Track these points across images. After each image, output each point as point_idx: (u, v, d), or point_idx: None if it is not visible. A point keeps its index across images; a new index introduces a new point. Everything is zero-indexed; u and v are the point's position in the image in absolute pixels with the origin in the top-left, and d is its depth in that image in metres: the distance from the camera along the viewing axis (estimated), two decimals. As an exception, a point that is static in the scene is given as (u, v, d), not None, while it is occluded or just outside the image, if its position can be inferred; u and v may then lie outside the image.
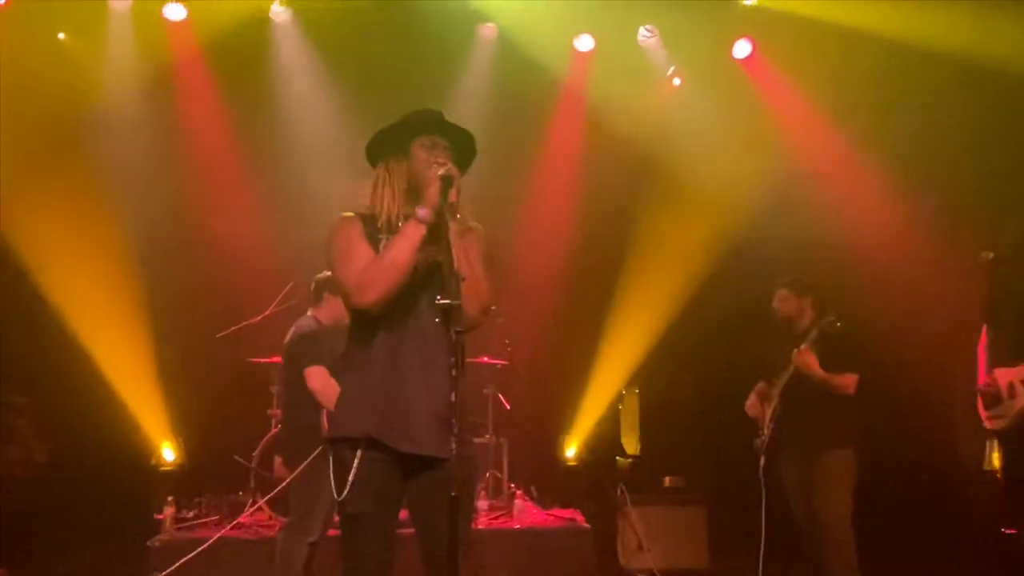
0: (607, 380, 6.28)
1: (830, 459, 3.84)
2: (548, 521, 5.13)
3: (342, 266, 2.31)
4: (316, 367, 3.74)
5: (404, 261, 2.22)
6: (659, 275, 6.21)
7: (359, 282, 2.24)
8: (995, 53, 4.99)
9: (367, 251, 2.30)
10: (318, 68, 6.10)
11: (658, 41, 6.24)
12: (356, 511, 2.25)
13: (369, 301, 2.23)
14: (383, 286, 2.22)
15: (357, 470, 2.23)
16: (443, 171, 2.22)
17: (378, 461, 2.24)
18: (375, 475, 2.24)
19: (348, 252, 2.31)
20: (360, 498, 2.23)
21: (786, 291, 4.11)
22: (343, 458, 2.26)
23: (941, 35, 5.21)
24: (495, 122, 5.92)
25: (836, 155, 5.87)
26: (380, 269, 2.23)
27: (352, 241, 2.33)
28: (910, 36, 5.31)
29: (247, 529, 4.71)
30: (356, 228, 2.36)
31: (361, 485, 2.23)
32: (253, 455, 4.91)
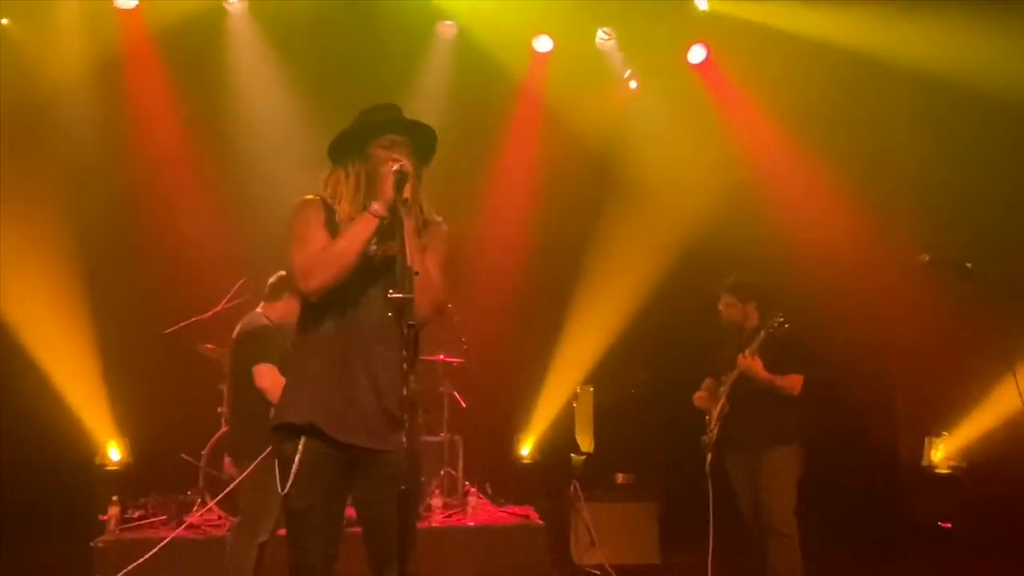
0: (563, 378, 6.34)
1: (775, 455, 3.93)
2: (502, 518, 5.15)
3: (294, 249, 2.29)
4: (265, 364, 3.66)
5: (352, 253, 2.22)
6: (616, 274, 6.29)
7: (306, 267, 2.24)
8: (940, 63, 5.19)
9: (322, 237, 2.29)
10: (274, 61, 6.03)
11: (615, 44, 6.34)
12: (301, 506, 2.23)
13: (311, 287, 2.23)
14: (327, 275, 2.21)
15: (300, 463, 2.21)
16: (397, 167, 2.23)
17: (322, 454, 2.22)
18: (319, 468, 2.23)
19: (302, 235, 2.30)
20: (305, 492, 2.22)
21: (731, 297, 4.18)
22: (285, 451, 2.24)
23: (888, 45, 5.40)
24: (454, 120, 5.89)
25: (786, 160, 6.04)
26: (327, 257, 2.23)
27: (310, 225, 2.31)
28: (858, 45, 5.49)
29: (196, 529, 4.62)
30: (317, 213, 2.34)
31: (305, 479, 2.21)
32: (202, 454, 4.81)
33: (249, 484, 3.76)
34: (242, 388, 3.79)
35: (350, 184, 2.36)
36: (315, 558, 2.25)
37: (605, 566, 4.97)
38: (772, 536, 3.88)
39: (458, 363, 5.62)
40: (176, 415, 5.33)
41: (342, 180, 2.38)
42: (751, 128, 6.15)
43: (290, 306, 3.80)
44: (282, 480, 2.24)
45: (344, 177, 2.38)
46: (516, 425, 6.44)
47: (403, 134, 2.39)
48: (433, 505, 5.08)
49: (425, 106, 6.01)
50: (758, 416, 3.95)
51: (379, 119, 2.41)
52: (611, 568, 4.94)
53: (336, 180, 2.39)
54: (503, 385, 6.17)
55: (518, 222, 6.37)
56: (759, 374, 3.90)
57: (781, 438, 3.95)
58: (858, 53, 5.50)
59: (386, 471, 2.18)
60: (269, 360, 3.66)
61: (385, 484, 2.14)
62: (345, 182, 2.37)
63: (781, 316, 3.89)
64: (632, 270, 6.24)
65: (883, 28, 5.39)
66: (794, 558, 3.86)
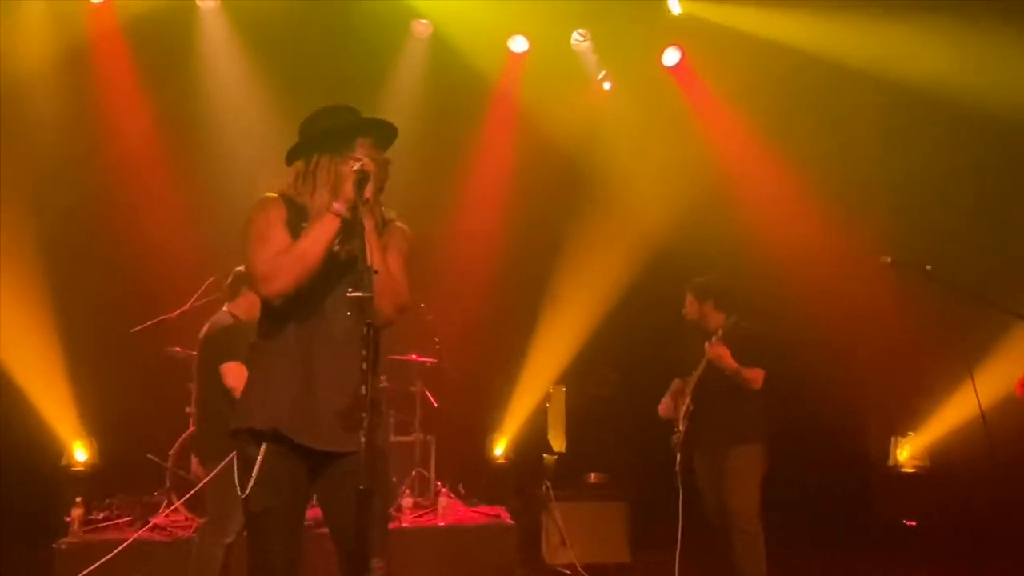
0: (536, 378, 6.36)
1: (739, 454, 3.98)
2: (473, 518, 5.15)
3: (254, 249, 2.24)
4: (232, 363, 3.64)
5: (315, 254, 2.20)
6: (588, 275, 6.33)
7: (267, 269, 2.20)
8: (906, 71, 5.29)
9: (283, 238, 2.25)
10: (246, 57, 5.97)
11: (590, 45, 6.36)
12: (261, 508, 2.22)
13: (274, 290, 2.19)
14: (290, 277, 2.19)
15: (261, 465, 2.19)
16: (358, 166, 2.22)
17: (283, 456, 2.21)
18: (280, 470, 2.21)
19: (263, 236, 2.25)
20: (264, 494, 2.20)
21: (689, 295, 4.27)
22: (247, 453, 2.23)
23: (857, 52, 5.48)
24: (428, 119, 5.93)
25: (757, 162, 6.10)
26: (290, 259, 2.20)
27: (270, 224, 2.27)
28: (828, 51, 5.58)
29: (162, 531, 4.56)
30: (278, 212, 2.30)
31: (266, 481, 2.20)
32: (169, 454, 4.75)
33: (216, 484, 3.73)
34: (209, 387, 3.76)
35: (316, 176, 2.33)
36: (276, 560, 2.23)
37: (576, 565, 5.00)
38: (737, 534, 3.93)
39: (430, 363, 5.62)
40: (143, 415, 5.26)
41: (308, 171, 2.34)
42: (723, 130, 6.21)
43: (251, 299, 3.77)
44: (243, 482, 2.23)
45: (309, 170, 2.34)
46: (489, 425, 6.44)
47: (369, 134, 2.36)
48: (404, 505, 5.06)
49: (399, 104, 6.01)
50: (722, 414, 4.01)
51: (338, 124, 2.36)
52: (581, 567, 4.97)
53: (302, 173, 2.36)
54: (476, 385, 6.17)
55: (491, 222, 6.37)
56: (727, 362, 3.92)
57: (745, 437, 4.00)
58: (827, 59, 5.57)
59: (350, 473, 2.16)
60: (236, 358, 3.63)
61: (350, 486, 2.10)
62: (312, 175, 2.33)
63: (735, 317, 3.96)
64: (604, 271, 6.28)
65: (851, 35, 5.48)
66: (759, 555, 3.92)
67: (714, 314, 4.16)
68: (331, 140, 2.34)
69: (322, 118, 2.39)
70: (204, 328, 3.90)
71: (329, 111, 2.41)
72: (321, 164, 2.34)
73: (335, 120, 2.38)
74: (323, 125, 2.37)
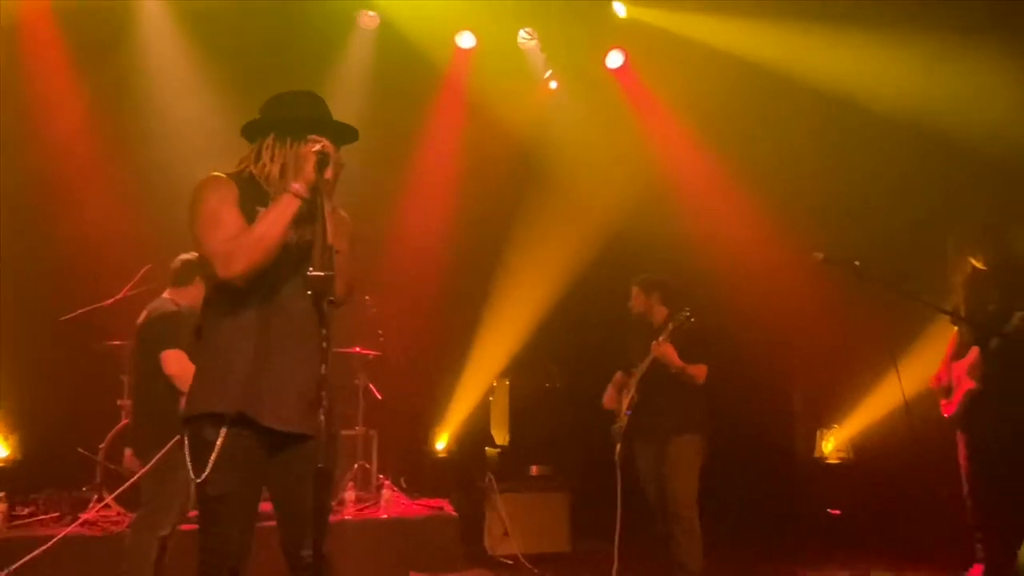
0: (480, 372, 6.39)
1: (680, 444, 4.13)
2: (415, 511, 5.15)
3: (208, 231, 2.20)
4: (174, 351, 3.54)
5: (275, 235, 2.18)
6: (533, 269, 6.40)
7: (227, 251, 2.16)
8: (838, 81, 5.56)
9: (237, 219, 2.22)
10: (186, 43, 5.81)
11: (537, 44, 6.44)
12: (220, 491, 2.19)
13: (236, 272, 2.16)
14: (252, 258, 2.16)
15: (221, 449, 2.16)
16: (319, 147, 2.21)
17: (243, 439, 2.19)
18: (240, 453, 2.19)
19: (216, 217, 2.21)
20: (224, 478, 2.17)
21: (636, 289, 4.40)
22: (204, 436, 2.19)
23: (794, 60, 5.72)
24: (374, 111, 5.87)
25: (697, 164, 6.30)
26: (250, 241, 2.17)
27: (223, 205, 2.23)
28: (766, 59, 5.80)
29: (93, 526, 4.40)
30: (229, 192, 2.27)
31: (224, 464, 2.17)
32: (100, 447, 4.59)
33: (153, 476, 3.63)
34: (148, 376, 3.65)
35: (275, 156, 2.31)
36: (231, 545, 2.20)
37: (518, 556, 5.05)
38: (676, 521, 4.07)
39: (374, 356, 5.59)
40: (73, 408, 5.06)
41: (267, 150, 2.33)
42: (665, 132, 6.38)
43: (202, 290, 3.68)
44: (199, 466, 2.19)
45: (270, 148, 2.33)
46: (432, 419, 6.44)
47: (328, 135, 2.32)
48: (346, 499, 5.02)
49: (344, 96, 5.94)
50: (665, 406, 4.15)
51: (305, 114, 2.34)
52: (524, 557, 5.02)
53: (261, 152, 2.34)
54: (420, 379, 6.17)
55: (437, 215, 6.38)
56: (673, 360, 4.08)
57: (686, 427, 4.15)
58: (765, 67, 5.79)
59: (304, 454, 2.19)
60: (178, 346, 3.54)
61: (305, 467, 2.13)
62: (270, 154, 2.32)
63: (687, 310, 4.09)
64: (549, 266, 6.37)
65: (790, 46, 5.72)
66: (696, 542, 4.07)
67: (659, 308, 4.32)
68: (292, 127, 2.32)
69: (289, 105, 2.36)
70: (143, 314, 3.77)
71: (297, 99, 2.38)
72: (279, 145, 2.33)
73: (303, 111, 2.35)
74: (289, 114, 2.34)
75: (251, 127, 2.38)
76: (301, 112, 2.35)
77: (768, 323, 5.90)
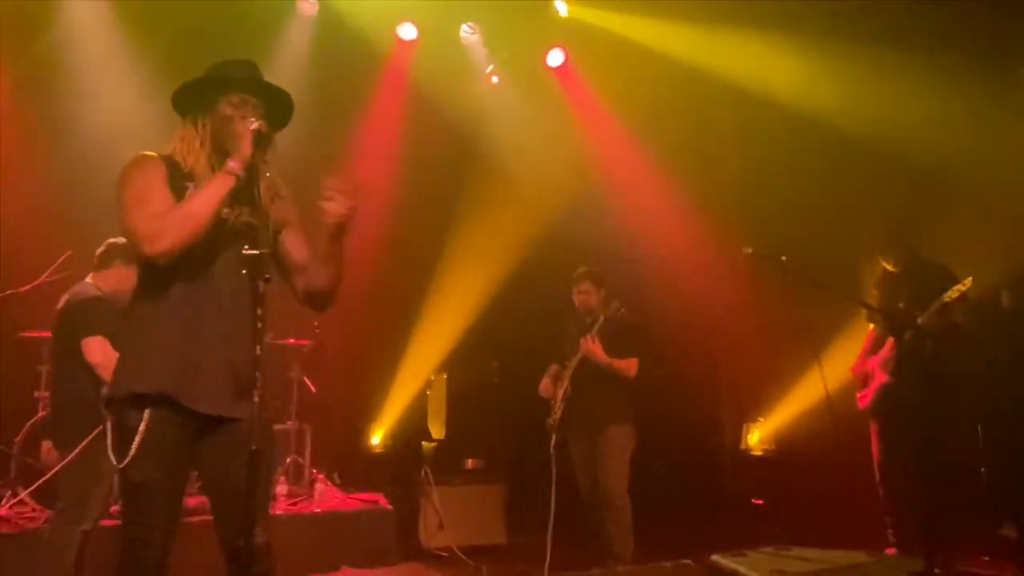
0: (417, 366, 6.36)
1: (611, 434, 4.23)
2: (349, 504, 5.09)
3: (134, 208, 2.14)
4: (96, 337, 3.40)
5: (206, 213, 2.13)
6: (471, 263, 6.41)
7: (152, 228, 2.10)
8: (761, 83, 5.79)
9: (166, 197, 2.17)
10: (116, 25, 5.60)
11: (479, 39, 6.45)
12: (143, 478, 2.11)
13: (160, 250, 2.10)
14: (178, 236, 2.10)
15: (144, 433, 2.09)
16: (255, 125, 2.18)
17: (168, 422, 2.12)
18: (165, 438, 2.12)
19: (144, 194, 2.15)
20: (148, 463, 2.10)
21: (588, 284, 4.43)
22: (127, 419, 2.12)
23: (723, 63, 5.93)
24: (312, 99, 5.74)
25: (631, 161, 6.45)
26: (178, 218, 2.12)
27: (151, 183, 2.18)
28: (696, 62, 5.99)
29: (6, 522, 4.19)
30: (157, 170, 2.21)
31: (148, 449, 2.10)
32: (15, 441, 4.38)
33: (72, 469, 3.48)
34: (67, 364, 3.50)
35: (200, 137, 2.27)
36: (155, 533, 2.13)
37: (453, 548, 5.05)
38: (608, 510, 4.16)
39: (308, 347, 5.49)
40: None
41: (191, 134, 2.28)
42: (601, 129, 6.50)
43: (122, 274, 3.55)
44: (120, 451, 2.11)
45: (194, 130, 2.28)
46: (368, 413, 6.37)
47: (259, 96, 2.33)
48: (278, 493, 4.93)
49: (281, 84, 5.79)
50: (598, 397, 4.24)
51: (237, 75, 2.32)
52: (458, 549, 5.03)
53: (185, 135, 2.29)
54: (356, 372, 6.09)
55: (375, 205, 6.28)
56: (600, 358, 4.18)
57: (617, 418, 4.25)
58: (696, 69, 5.99)
59: (237, 438, 2.13)
60: (101, 332, 3.40)
61: (237, 451, 2.07)
62: (196, 136, 2.27)
63: (616, 303, 4.18)
64: (487, 259, 6.40)
65: (719, 49, 5.93)
66: (627, 529, 4.17)
67: (606, 302, 4.34)
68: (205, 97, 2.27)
69: (224, 68, 2.34)
70: (63, 299, 3.61)
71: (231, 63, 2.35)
72: (212, 122, 2.28)
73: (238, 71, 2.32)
74: (226, 72, 2.31)
75: (183, 95, 2.32)
76: (233, 73, 2.32)
77: (696, 317, 6.09)
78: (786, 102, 5.65)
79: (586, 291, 4.43)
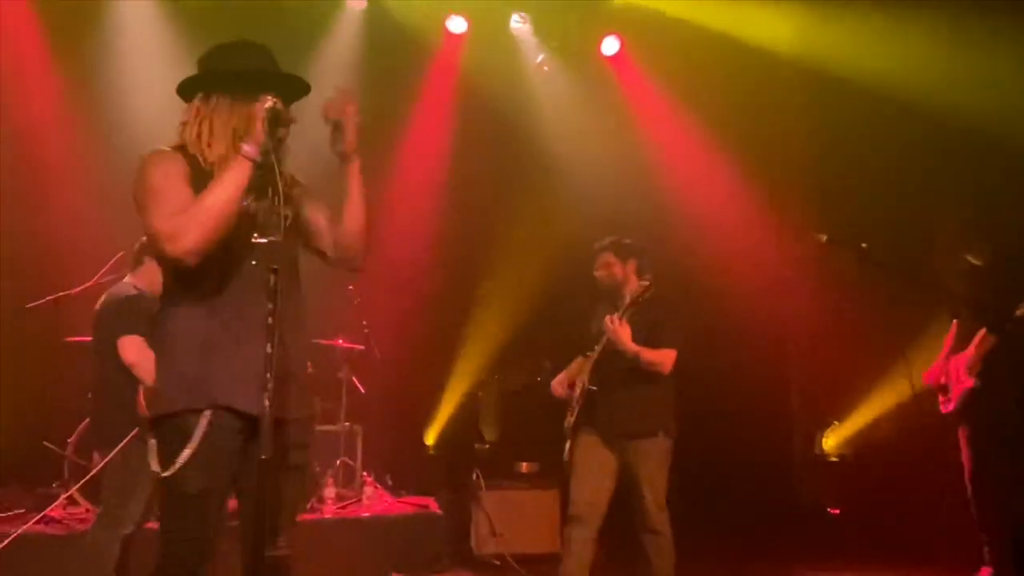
0: (469, 366, 6.21)
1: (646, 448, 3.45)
2: (399, 508, 4.97)
3: (153, 208, 2.00)
4: (131, 337, 3.32)
5: (225, 204, 1.97)
6: (524, 260, 6.21)
7: (172, 227, 1.95)
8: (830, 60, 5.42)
9: (186, 193, 2.02)
10: (165, 28, 5.65)
11: (530, 29, 6.28)
12: (198, 489, 1.94)
13: (183, 249, 1.94)
14: (200, 233, 1.94)
15: (202, 441, 1.93)
16: (269, 103, 2.01)
17: (225, 429, 1.97)
18: (221, 446, 1.96)
19: (161, 192, 2.01)
20: (204, 474, 1.94)
21: (609, 255, 3.61)
22: (181, 428, 1.95)
23: (787, 41, 5.61)
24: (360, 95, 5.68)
25: (690, 148, 6.15)
26: (197, 213, 1.96)
27: (169, 180, 2.03)
28: (757, 40, 5.69)
29: (57, 524, 4.21)
30: (177, 167, 2.06)
31: (206, 459, 1.94)
32: (68, 442, 4.40)
33: (112, 471, 3.43)
34: (106, 365, 3.43)
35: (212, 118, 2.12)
36: (203, 546, 1.97)
37: (505, 555, 4.86)
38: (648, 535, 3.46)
39: (358, 348, 5.39)
40: (40, 400, 4.86)
41: (203, 114, 2.13)
42: (659, 119, 6.24)
43: (152, 269, 3.46)
44: (168, 459, 1.94)
45: (206, 110, 2.13)
46: (420, 414, 6.25)
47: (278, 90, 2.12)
48: (326, 496, 4.83)
49: (330, 79, 5.75)
50: (626, 399, 3.46)
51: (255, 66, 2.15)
52: (511, 557, 4.83)
53: (196, 117, 2.14)
54: (407, 372, 5.97)
55: (426, 202, 6.19)
56: (625, 344, 3.36)
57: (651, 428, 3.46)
58: (758, 49, 5.69)
59: (287, 441, 2.01)
60: (137, 332, 3.32)
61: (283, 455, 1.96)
62: (208, 116, 2.12)
63: (648, 278, 3.43)
64: (540, 255, 6.17)
65: (781, 27, 5.62)
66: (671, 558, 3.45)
67: (634, 279, 3.55)
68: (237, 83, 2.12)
69: (231, 56, 2.17)
70: (100, 300, 3.57)
71: (239, 49, 2.19)
72: (222, 105, 2.12)
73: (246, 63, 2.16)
74: (232, 66, 2.15)
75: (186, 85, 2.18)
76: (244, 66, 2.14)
77: (765, 314, 5.73)
78: (859, 77, 5.28)
79: (606, 264, 3.59)
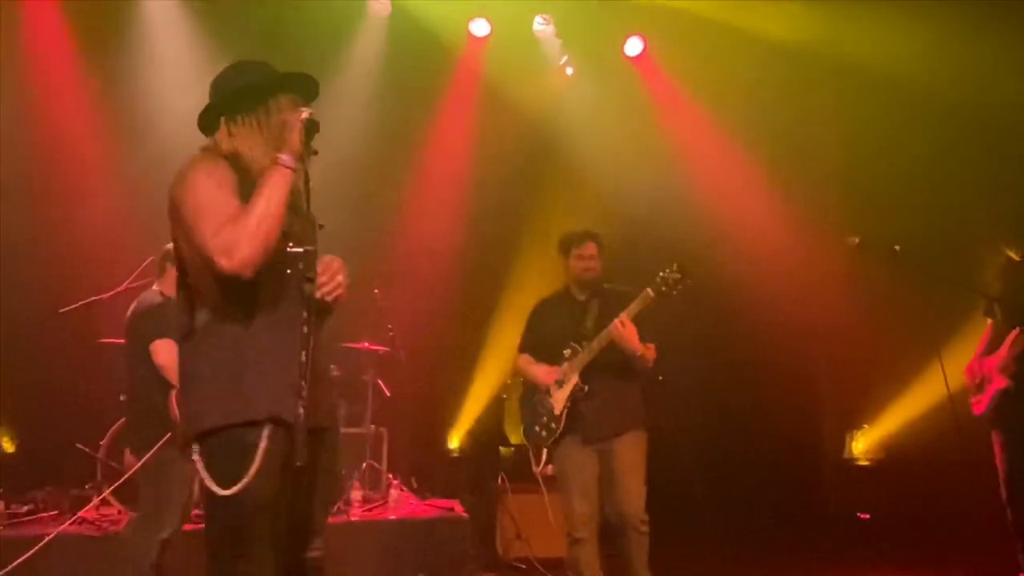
0: (493, 369, 6.19)
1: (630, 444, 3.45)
2: (425, 511, 4.96)
3: (201, 222, 1.93)
4: (163, 340, 3.39)
5: (276, 213, 1.93)
6: (548, 264, 6.17)
7: (224, 241, 1.89)
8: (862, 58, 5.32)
9: (234, 204, 1.96)
10: (192, 34, 5.71)
11: (553, 31, 6.27)
12: (263, 502, 1.91)
13: (239, 262, 1.88)
14: (255, 245, 1.89)
15: (266, 452, 1.90)
16: (306, 114, 2.03)
17: (282, 441, 1.93)
18: (279, 457, 1.93)
19: (210, 205, 1.94)
20: (267, 486, 1.90)
21: (596, 247, 3.58)
22: (236, 442, 1.92)
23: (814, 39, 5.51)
24: (386, 99, 5.77)
25: (717, 149, 6.09)
26: (251, 224, 1.90)
27: (219, 189, 1.98)
28: (787, 39, 5.59)
29: (90, 525, 4.26)
30: (224, 175, 2.01)
31: (269, 471, 1.91)
32: (100, 444, 4.46)
33: (148, 475, 3.47)
34: (139, 369, 3.50)
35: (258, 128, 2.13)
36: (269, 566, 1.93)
37: (531, 559, 4.84)
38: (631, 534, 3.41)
39: (383, 351, 5.41)
40: (74, 403, 4.93)
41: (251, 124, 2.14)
42: (685, 120, 6.19)
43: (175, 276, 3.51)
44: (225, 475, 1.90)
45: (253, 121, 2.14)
46: (444, 417, 6.26)
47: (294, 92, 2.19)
48: (353, 498, 4.85)
49: (355, 85, 5.83)
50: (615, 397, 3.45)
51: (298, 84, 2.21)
52: (536, 561, 4.81)
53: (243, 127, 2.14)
54: (432, 375, 5.99)
55: (450, 206, 6.19)
56: (635, 345, 3.27)
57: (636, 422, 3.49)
58: (786, 47, 5.60)
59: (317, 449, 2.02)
60: (167, 335, 3.37)
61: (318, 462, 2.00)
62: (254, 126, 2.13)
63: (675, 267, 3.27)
64: (564, 259, 6.14)
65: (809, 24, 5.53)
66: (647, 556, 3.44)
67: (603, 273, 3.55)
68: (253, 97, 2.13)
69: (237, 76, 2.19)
70: (131, 307, 3.64)
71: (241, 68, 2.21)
72: (262, 115, 2.13)
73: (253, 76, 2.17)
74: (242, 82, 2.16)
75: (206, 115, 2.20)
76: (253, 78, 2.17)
77: (794, 315, 5.64)
78: (892, 76, 5.16)
79: (592, 255, 3.52)
